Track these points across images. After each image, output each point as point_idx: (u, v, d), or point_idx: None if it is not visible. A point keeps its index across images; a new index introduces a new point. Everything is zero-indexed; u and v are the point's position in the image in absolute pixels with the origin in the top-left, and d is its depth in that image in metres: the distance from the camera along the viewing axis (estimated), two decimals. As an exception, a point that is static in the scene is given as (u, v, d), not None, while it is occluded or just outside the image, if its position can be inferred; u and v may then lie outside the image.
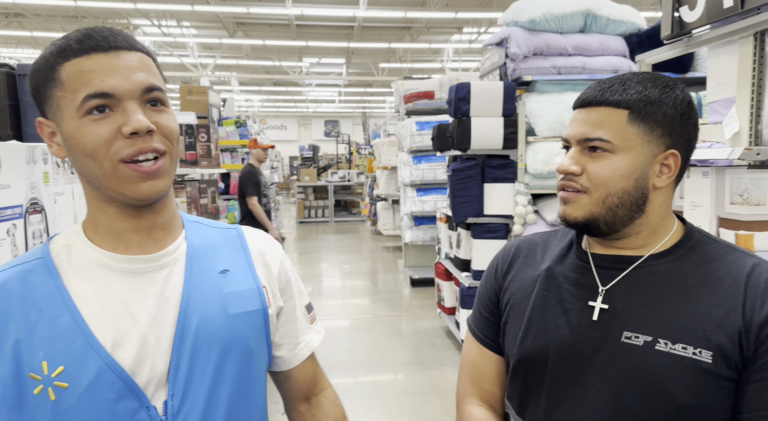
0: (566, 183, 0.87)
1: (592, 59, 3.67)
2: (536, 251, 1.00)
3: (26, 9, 11.35)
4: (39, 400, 0.70)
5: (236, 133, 6.29)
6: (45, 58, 0.75)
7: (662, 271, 0.85)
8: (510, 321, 0.97)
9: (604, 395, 0.83)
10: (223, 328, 0.80)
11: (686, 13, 1.81)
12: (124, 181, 0.73)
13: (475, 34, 13.26)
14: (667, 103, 0.84)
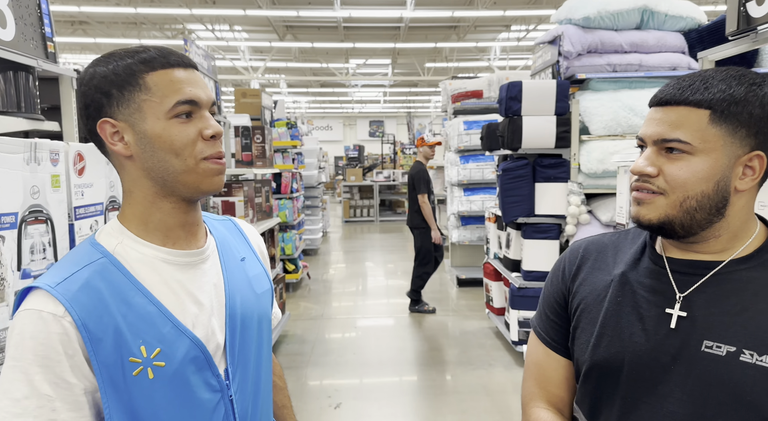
0: (641, 184, 0.84)
1: (649, 56, 3.58)
2: (607, 253, 0.97)
3: (90, 17, 11.98)
4: (138, 379, 0.80)
5: (287, 134, 6.45)
6: (126, 65, 0.83)
7: (745, 277, 0.82)
8: (581, 326, 0.95)
9: (684, 405, 0.81)
10: (255, 305, 0.98)
11: (753, 8, 1.76)
12: (204, 175, 0.86)
13: (524, 31, 13.05)
14: (753, 102, 0.79)
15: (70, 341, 0.77)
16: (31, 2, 1.86)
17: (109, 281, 0.82)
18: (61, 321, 0.77)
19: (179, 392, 0.83)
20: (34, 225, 1.39)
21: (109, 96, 0.83)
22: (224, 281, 0.93)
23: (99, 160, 1.70)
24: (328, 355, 4.28)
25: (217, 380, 0.87)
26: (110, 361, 0.79)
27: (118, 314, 0.80)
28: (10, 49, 1.70)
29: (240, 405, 0.91)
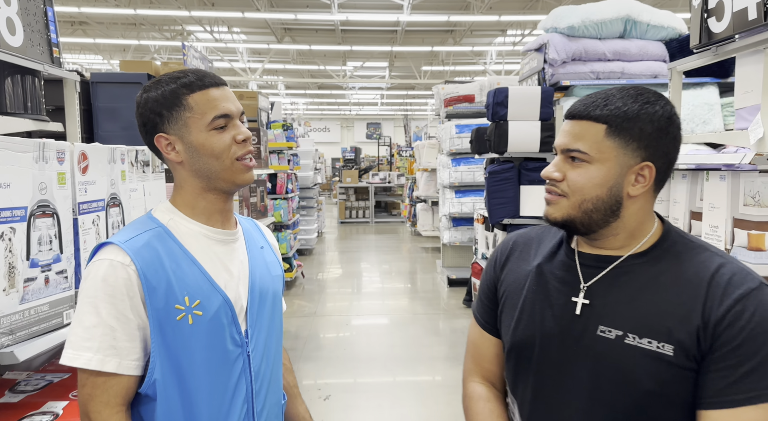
0: (549, 187, 0.98)
1: (632, 64, 3.71)
2: (531, 245, 1.10)
3: (90, 18, 12.08)
4: (180, 324, 1.01)
5: (283, 135, 6.57)
6: (171, 90, 1.05)
7: (638, 271, 0.94)
8: (505, 311, 1.08)
9: (582, 381, 0.93)
10: (270, 283, 1.20)
11: (714, 23, 1.89)
12: (238, 172, 1.08)
13: (519, 36, 13.21)
14: (644, 119, 0.90)
15: (132, 285, 0.98)
16: (38, 10, 1.98)
17: (164, 244, 1.04)
18: (127, 269, 0.98)
19: (211, 339, 1.03)
20: (42, 218, 1.50)
21: (161, 116, 1.06)
22: (248, 259, 1.16)
23: (101, 160, 1.81)
24: (320, 350, 4.40)
25: (239, 336, 1.08)
26: (160, 306, 1.00)
27: (170, 270, 1.02)
28: (19, 55, 1.82)
29: (255, 361, 1.11)
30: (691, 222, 1.65)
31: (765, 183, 1.32)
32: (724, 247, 1.44)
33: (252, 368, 1.10)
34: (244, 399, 1.09)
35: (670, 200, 1.78)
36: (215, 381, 1.05)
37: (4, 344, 1.29)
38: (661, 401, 0.88)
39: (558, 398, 0.96)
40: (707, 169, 1.59)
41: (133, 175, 2.10)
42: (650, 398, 0.88)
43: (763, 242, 1.33)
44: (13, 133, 1.81)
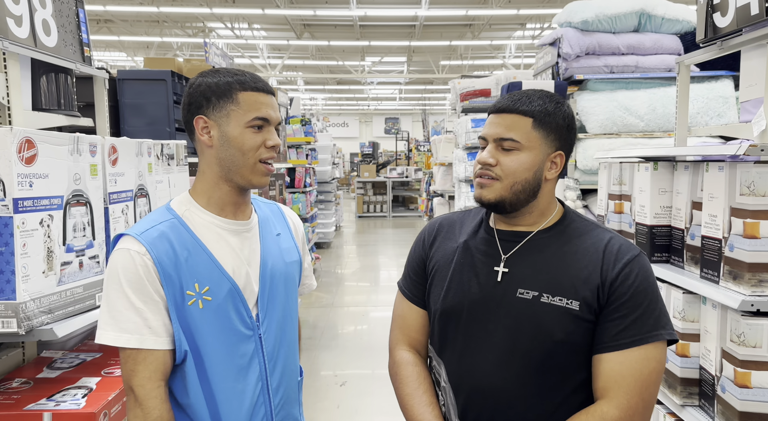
0: (483, 171, 1.11)
1: (646, 58, 3.72)
2: (455, 227, 1.25)
3: (115, 16, 12.36)
4: (191, 308, 1.11)
5: (302, 130, 6.69)
6: (225, 81, 1.14)
7: (546, 243, 1.13)
8: (434, 283, 1.21)
9: (504, 337, 1.09)
10: (283, 269, 1.26)
11: (719, 18, 1.92)
12: (257, 172, 1.16)
13: (539, 30, 13.12)
14: (558, 116, 1.10)
15: (149, 272, 1.08)
16: (70, 12, 2.10)
17: (178, 234, 1.13)
18: (143, 257, 1.08)
19: (221, 322, 1.12)
20: (76, 207, 1.62)
21: (208, 100, 1.14)
22: (261, 248, 1.23)
23: (129, 153, 1.93)
24: (337, 339, 4.51)
25: (250, 320, 1.17)
26: (176, 292, 1.10)
27: (182, 258, 1.11)
28: (54, 55, 1.94)
29: (267, 343, 1.20)
30: (693, 212, 1.70)
31: (760, 173, 1.37)
32: (722, 235, 1.49)
33: (265, 349, 1.19)
34: (258, 377, 1.17)
35: (674, 191, 1.83)
36: (228, 361, 1.13)
37: (44, 321, 1.41)
38: (566, 348, 1.06)
39: (483, 355, 1.10)
40: (707, 161, 1.63)
41: (158, 168, 2.22)
42: (559, 346, 1.06)
43: (758, 230, 1.38)
44: (47, 128, 1.93)
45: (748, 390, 1.35)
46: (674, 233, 1.81)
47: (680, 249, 1.76)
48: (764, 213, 1.38)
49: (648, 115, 3.55)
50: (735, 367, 1.38)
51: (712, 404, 1.50)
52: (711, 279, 1.54)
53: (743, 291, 1.38)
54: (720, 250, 1.49)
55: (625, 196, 2.06)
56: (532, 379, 1.07)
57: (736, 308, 1.37)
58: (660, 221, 1.84)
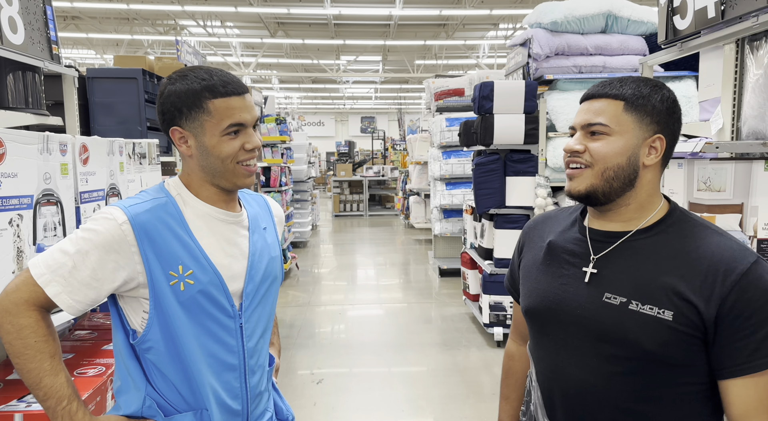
0: (572, 159, 1.05)
1: (613, 58, 3.82)
2: (547, 225, 1.21)
3: (82, 12, 12.08)
4: (173, 289, 1.11)
5: (276, 129, 6.66)
6: (193, 90, 1.12)
7: (642, 245, 1.03)
8: (522, 282, 1.21)
9: (586, 341, 1.04)
10: (268, 263, 1.28)
11: (679, 21, 2.00)
12: (239, 175, 1.16)
13: (511, 30, 13.30)
14: (655, 98, 1.02)
15: (123, 243, 1.07)
16: (38, 9, 2.07)
17: (167, 213, 1.13)
18: (122, 227, 1.07)
19: (201, 307, 1.13)
20: (47, 206, 1.60)
21: (180, 111, 1.13)
22: (249, 242, 1.24)
23: (101, 152, 1.92)
24: (314, 338, 4.51)
25: (232, 309, 1.18)
26: (158, 269, 1.10)
27: (168, 238, 1.11)
28: (21, 52, 1.91)
29: (247, 332, 1.22)
30: (654, 207, 1.77)
31: (715, 169, 1.44)
32: (681, 229, 1.56)
33: (244, 339, 1.20)
34: (235, 366, 1.19)
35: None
36: (205, 346, 1.13)
37: (15, 321, 1.40)
38: (658, 360, 0.97)
39: (567, 357, 1.06)
40: (668, 158, 1.70)
41: (130, 167, 2.20)
42: (650, 356, 0.97)
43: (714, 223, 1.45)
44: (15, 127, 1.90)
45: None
46: (638, 227, 1.88)
47: (643, 243, 1.83)
48: (719, 207, 1.45)
49: (615, 114, 3.65)
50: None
51: None
52: (671, 271, 1.61)
53: (700, 282, 1.45)
54: (679, 243, 1.56)
55: (592, 192, 2.12)
56: (620, 386, 1.00)
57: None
58: (624, 216, 1.90)
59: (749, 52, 1.77)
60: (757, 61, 1.73)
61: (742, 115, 1.81)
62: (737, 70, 1.83)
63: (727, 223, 1.43)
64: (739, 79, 1.83)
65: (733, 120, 1.84)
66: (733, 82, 1.84)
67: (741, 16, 1.73)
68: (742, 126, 1.81)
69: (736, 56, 1.83)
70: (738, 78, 1.83)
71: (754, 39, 1.74)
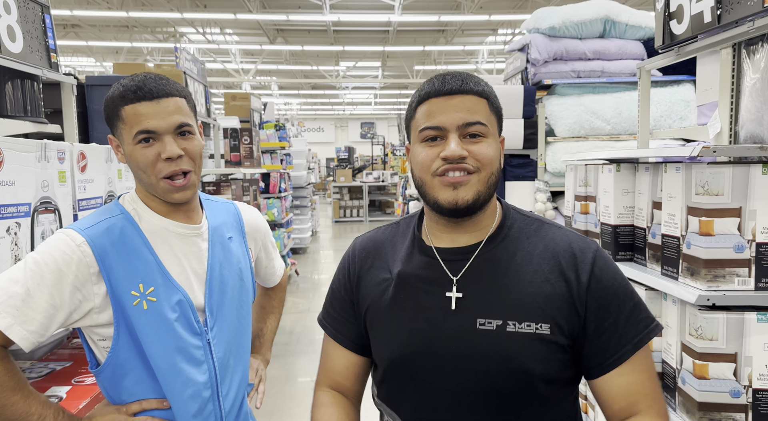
0: (457, 166, 0.89)
1: (611, 63, 3.83)
2: (383, 251, 1.04)
3: (82, 20, 12.13)
4: (136, 309, 1.07)
5: (275, 135, 6.67)
6: (113, 98, 1.08)
7: (495, 256, 0.94)
8: (372, 326, 1.01)
9: (469, 379, 0.90)
10: (233, 274, 1.23)
11: (675, 26, 2.01)
12: (165, 191, 1.10)
13: (510, 35, 13.34)
14: (496, 98, 0.95)
15: (81, 266, 1.02)
16: (36, 17, 2.07)
17: (124, 232, 1.09)
18: (79, 249, 1.03)
19: (166, 325, 1.09)
20: (45, 214, 1.60)
21: (108, 119, 1.11)
22: (209, 254, 1.19)
23: (99, 159, 1.92)
24: (314, 344, 4.50)
25: (198, 325, 1.14)
26: (120, 290, 1.06)
27: (126, 256, 1.07)
28: (19, 61, 1.92)
29: (218, 349, 1.17)
30: (653, 211, 1.77)
31: (713, 174, 1.44)
32: (680, 233, 1.56)
33: (214, 355, 1.15)
34: (206, 384, 1.14)
35: (636, 192, 1.90)
36: (173, 365, 1.08)
37: (12, 330, 1.39)
38: (545, 379, 0.90)
39: (448, 401, 0.92)
40: (667, 162, 1.70)
41: (129, 174, 2.21)
42: (537, 379, 0.89)
43: (712, 227, 1.45)
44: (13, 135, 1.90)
45: (706, 381, 1.41)
46: (637, 231, 1.88)
47: (642, 247, 1.83)
48: (718, 211, 1.45)
49: (614, 119, 3.65)
50: (693, 359, 1.44)
51: (673, 396, 1.56)
52: (671, 276, 1.60)
53: (700, 286, 1.45)
54: (678, 247, 1.56)
55: (590, 197, 2.12)
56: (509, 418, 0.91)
57: (693, 303, 1.43)
58: (623, 221, 1.90)
59: (746, 56, 1.77)
60: (753, 65, 1.73)
61: (740, 119, 1.81)
62: (734, 74, 1.83)
63: (726, 227, 1.43)
64: (737, 83, 1.83)
65: (730, 124, 1.84)
66: (730, 87, 1.84)
67: (737, 21, 1.74)
68: (740, 130, 1.81)
69: (732, 60, 1.83)
70: (735, 82, 1.83)
71: (750, 43, 1.75)
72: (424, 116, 0.93)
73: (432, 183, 0.92)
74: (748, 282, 1.43)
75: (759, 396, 1.39)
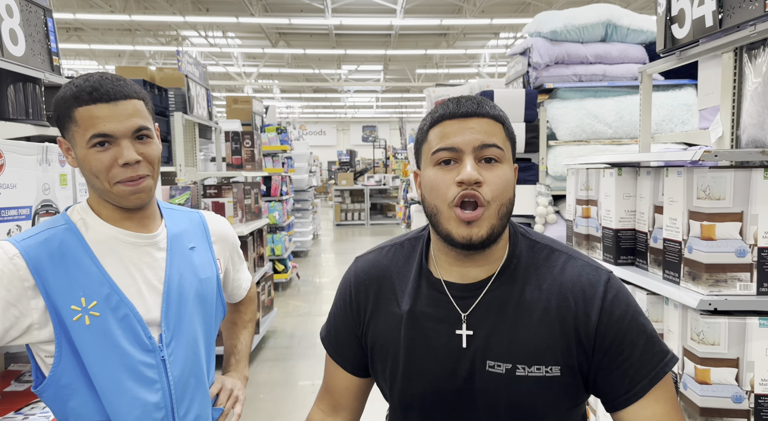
0: (471, 193, 0.84)
1: (613, 67, 3.83)
2: (391, 278, 0.99)
3: (85, 24, 12.17)
4: (77, 324, 1.00)
5: (277, 139, 6.68)
6: (65, 98, 1.01)
7: (505, 293, 0.91)
8: (381, 361, 0.98)
9: (481, 418, 0.90)
10: (195, 286, 1.14)
11: (677, 30, 2.01)
12: (120, 195, 1.03)
13: (512, 39, 13.36)
14: (512, 126, 0.90)
15: (18, 278, 0.97)
16: (38, 21, 2.08)
17: (65, 243, 1.02)
18: (12, 262, 0.97)
19: (111, 341, 1.01)
20: (45, 217, 1.60)
21: (59, 120, 1.04)
22: (167, 263, 1.11)
23: (100, 162, 1.92)
24: (314, 348, 4.49)
25: (150, 341, 1.06)
26: (59, 304, 0.99)
27: (66, 269, 1.00)
28: (21, 64, 1.92)
29: (174, 367, 1.08)
30: (655, 215, 1.76)
31: (714, 178, 1.44)
32: (681, 237, 1.56)
33: (170, 374, 1.07)
34: (158, 405, 1.06)
35: (637, 196, 1.89)
36: (118, 384, 1.01)
37: (12, 333, 1.39)
38: (554, 418, 0.91)
39: None
40: (668, 167, 1.70)
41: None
42: (546, 418, 0.89)
43: (714, 232, 1.44)
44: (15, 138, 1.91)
45: (708, 386, 1.41)
46: (638, 236, 1.87)
47: (644, 252, 1.82)
48: (719, 216, 1.44)
49: (616, 123, 3.65)
50: (695, 364, 1.43)
51: (675, 401, 1.55)
52: (672, 280, 1.60)
53: (701, 291, 1.44)
54: (680, 252, 1.55)
55: (592, 201, 2.12)
56: None
57: (695, 308, 1.42)
58: (625, 225, 1.90)
59: (747, 60, 1.77)
60: (755, 69, 1.73)
61: (741, 123, 1.81)
62: (736, 78, 1.83)
63: (728, 231, 1.42)
64: (738, 87, 1.83)
65: (732, 128, 1.84)
66: (731, 91, 1.84)
67: (739, 25, 1.74)
68: (742, 134, 1.81)
69: (734, 65, 1.83)
70: (737, 86, 1.83)
71: (752, 48, 1.74)
72: (437, 138, 0.88)
73: (449, 215, 0.86)
74: (750, 287, 1.42)
75: (761, 401, 1.38)
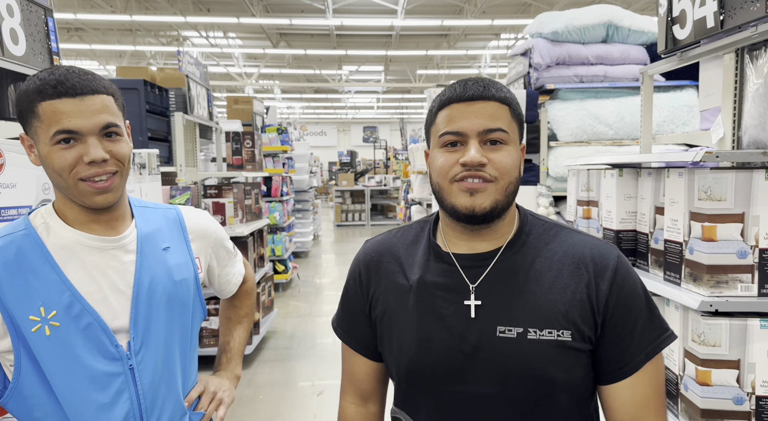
0: (474, 173, 0.88)
1: (614, 68, 3.83)
2: (398, 253, 1.02)
3: (86, 24, 12.18)
4: (36, 335, 0.96)
5: (278, 139, 6.68)
6: (28, 92, 0.95)
7: (513, 263, 0.94)
8: (388, 333, 0.99)
9: (491, 386, 0.90)
10: (170, 290, 1.09)
11: (678, 31, 2.00)
12: (84, 194, 0.98)
13: (513, 40, 13.36)
14: (518, 104, 0.94)
15: None
16: (39, 20, 2.08)
17: (22, 249, 0.98)
18: None
19: (72, 352, 0.97)
20: (45, 217, 1.60)
21: (21, 116, 0.98)
22: (137, 266, 1.06)
23: (100, 162, 1.92)
24: (314, 348, 4.49)
25: (117, 350, 1.01)
26: (16, 315, 0.95)
27: (23, 277, 0.96)
28: (22, 63, 1.92)
29: (144, 376, 1.03)
30: (656, 216, 1.76)
31: (716, 179, 1.43)
32: (682, 238, 1.55)
33: (139, 383, 1.02)
34: (125, 416, 1.01)
35: (638, 197, 1.89)
36: (81, 396, 0.98)
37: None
38: (566, 387, 0.90)
39: (469, 411, 0.92)
40: (669, 168, 1.70)
41: (130, 177, 2.20)
42: (561, 387, 0.90)
43: (715, 233, 1.44)
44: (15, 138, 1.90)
45: (709, 388, 1.40)
46: (639, 237, 1.87)
47: (645, 253, 1.82)
48: (720, 217, 1.44)
49: (617, 124, 3.65)
50: (696, 366, 1.43)
51: (676, 402, 1.55)
52: (673, 281, 1.60)
53: (702, 292, 1.44)
54: (681, 253, 1.55)
55: (593, 202, 2.12)
56: None
57: (696, 309, 1.42)
58: (625, 226, 1.90)
59: (749, 61, 1.76)
60: (756, 70, 1.73)
61: (743, 124, 1.80)
62: (737, 79, 1.83)
63: (729, 232, 1.42)
64: (739, 88, 1.83)
65: (733, 129, 1.84)
66: (733, 92, 1.83)
67: (740, 26, 1.73)
68: (743, 135, 1.80)
69: (735, 66, 1.82)
70: (738, 87, 1.83)
71: (753, 48, 1.74)
72: (444, 121, 0.92)
73: (450, 189, 0.91)
74: (751, 288, 1.42)
75: (762, 403, 1.38)
